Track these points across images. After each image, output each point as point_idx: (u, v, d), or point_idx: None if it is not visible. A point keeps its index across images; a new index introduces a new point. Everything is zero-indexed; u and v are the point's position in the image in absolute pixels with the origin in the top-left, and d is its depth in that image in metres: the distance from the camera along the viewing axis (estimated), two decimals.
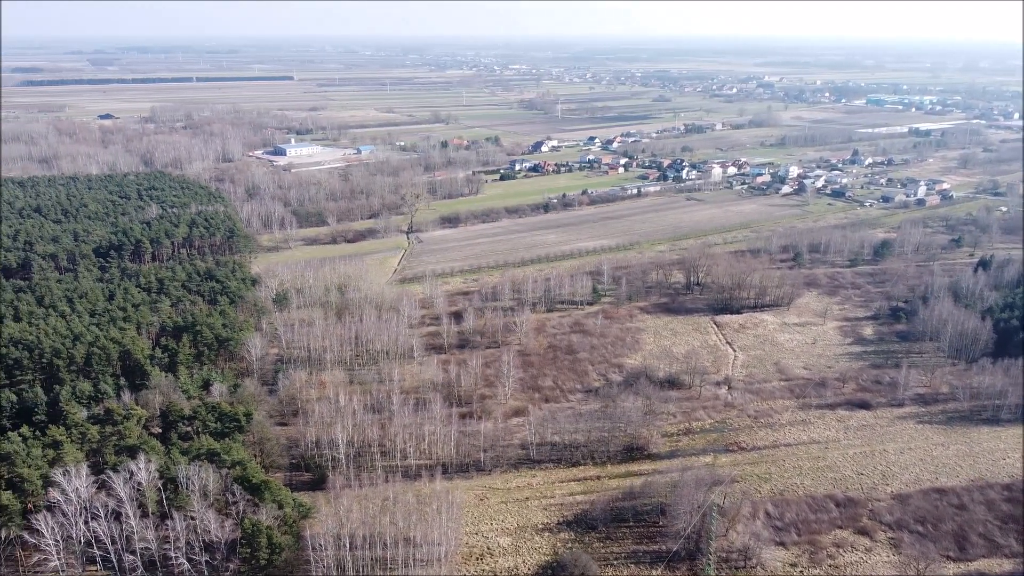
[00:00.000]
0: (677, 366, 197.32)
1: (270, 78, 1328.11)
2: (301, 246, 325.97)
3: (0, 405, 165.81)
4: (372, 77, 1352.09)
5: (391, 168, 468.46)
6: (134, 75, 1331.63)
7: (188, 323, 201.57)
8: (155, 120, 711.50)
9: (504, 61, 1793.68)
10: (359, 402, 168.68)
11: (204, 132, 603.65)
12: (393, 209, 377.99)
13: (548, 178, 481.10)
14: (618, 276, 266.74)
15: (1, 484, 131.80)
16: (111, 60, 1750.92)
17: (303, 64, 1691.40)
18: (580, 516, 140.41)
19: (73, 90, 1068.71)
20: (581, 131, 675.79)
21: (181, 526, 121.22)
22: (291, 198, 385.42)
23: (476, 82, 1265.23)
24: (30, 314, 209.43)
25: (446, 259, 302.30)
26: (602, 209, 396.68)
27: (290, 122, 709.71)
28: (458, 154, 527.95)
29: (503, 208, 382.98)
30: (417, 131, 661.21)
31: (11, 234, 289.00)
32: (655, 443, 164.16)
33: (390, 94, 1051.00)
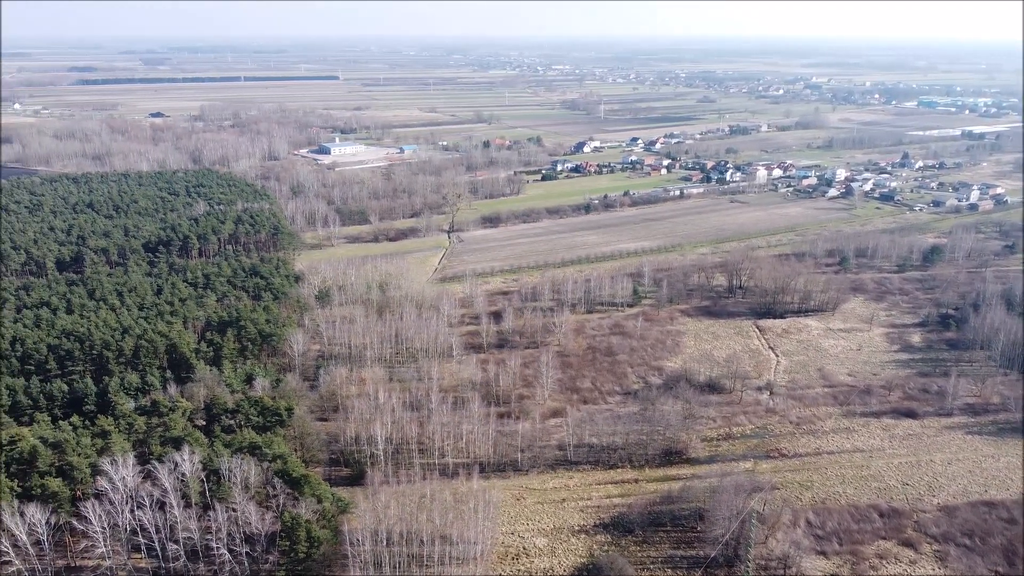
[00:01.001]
0: (718, 370, 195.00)
1: (316, 78, 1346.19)
2: (343, 244, 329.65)
3: (52, 395, 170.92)
4: (416, 77, 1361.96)
5: (433, 167, 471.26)
6: (184, 75, 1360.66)
7: (233, 318, 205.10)
8: (204, 119, 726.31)
9: (547, 61, 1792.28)
10: (398, 399, 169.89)
11: (251, 131, 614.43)
12: (434, 208, 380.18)
13: (590, 179, 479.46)
14: (659, 278, 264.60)
15: (52, 471, 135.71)
16: (163, 60, 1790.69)
17: (348, 64, 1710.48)
18: (617, 519, 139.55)
19: (126, 89, 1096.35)
20: (624, 132, 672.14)
21: (223, 517, 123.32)
22: (335, 196, 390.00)
23: (519, 82, 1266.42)
24: (82, 307, 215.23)
25: (486, 259, 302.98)
26: (644, 210, 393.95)
27: (335, 121, 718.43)
28: (500, 154, 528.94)
29: (544, 208, 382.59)
30: (459, 131, 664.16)
31: (65, 229, 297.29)
32: (694, 447, 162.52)
33: (433, 94, 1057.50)
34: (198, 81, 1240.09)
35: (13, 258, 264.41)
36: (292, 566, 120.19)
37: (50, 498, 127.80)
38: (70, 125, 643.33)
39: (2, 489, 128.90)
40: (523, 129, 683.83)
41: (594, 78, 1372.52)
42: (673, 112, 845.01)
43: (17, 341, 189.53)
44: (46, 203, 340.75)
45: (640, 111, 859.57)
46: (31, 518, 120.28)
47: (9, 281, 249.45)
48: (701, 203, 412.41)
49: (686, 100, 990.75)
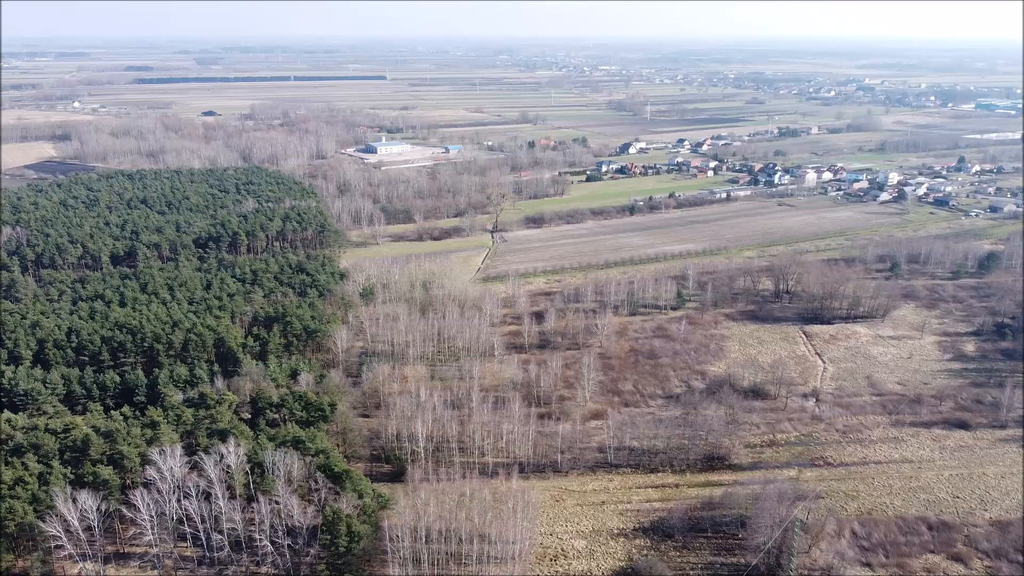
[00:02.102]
0: (762, 376, 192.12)
1: (364, 77, 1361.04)
2: (388, 242, 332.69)
3: (105, 385, 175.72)
4: (462, 77, 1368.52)
5: (478, 167, 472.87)
6: (236, 74, 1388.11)
7: (279, 314, 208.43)
8: (254, 117, 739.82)
9: (594, 62, 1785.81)
10: (439, 398, 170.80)
11: (300, 129, 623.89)
12: (479, 208, 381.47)
13: (635, 180, 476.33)
14: (704, 281, 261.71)
15: (103, 460, 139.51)
16: (216, 59, 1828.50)
17: (396, 64, 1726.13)
18: (657, 523, 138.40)
19: (180, 88, 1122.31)
20: (670, 133, 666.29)
21: (266, 509, 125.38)
22: (380, 195, 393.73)
23: (565, 83, 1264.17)
24: (134, 300, 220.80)
25: (529, 259, 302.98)
26: (689, 213, 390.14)
27: (381, 121, 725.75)
28: (545, 155, 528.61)
29: (588, 209, 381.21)
30: (505, 131, 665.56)
31: (119, 224, 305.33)
32: (737, 453, 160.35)
33: (479, 94, 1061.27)
34: (249, 80, 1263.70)
35: (70, 251, 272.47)
36: (332, 560, 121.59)
37: (101, 485, 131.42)
38: (126, 123, 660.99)
39: (56, 475, 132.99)
40: (568, 130, 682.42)
41: (641, 79, 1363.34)
42: (721, 114, 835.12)
43: (73, 332, 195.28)
44: (102, 199, 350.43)
45: (687, 112, 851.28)
46: (83, 504, 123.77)
47: (66, 274, 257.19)
48: (748, 206, 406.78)
49: (734, 101, 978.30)
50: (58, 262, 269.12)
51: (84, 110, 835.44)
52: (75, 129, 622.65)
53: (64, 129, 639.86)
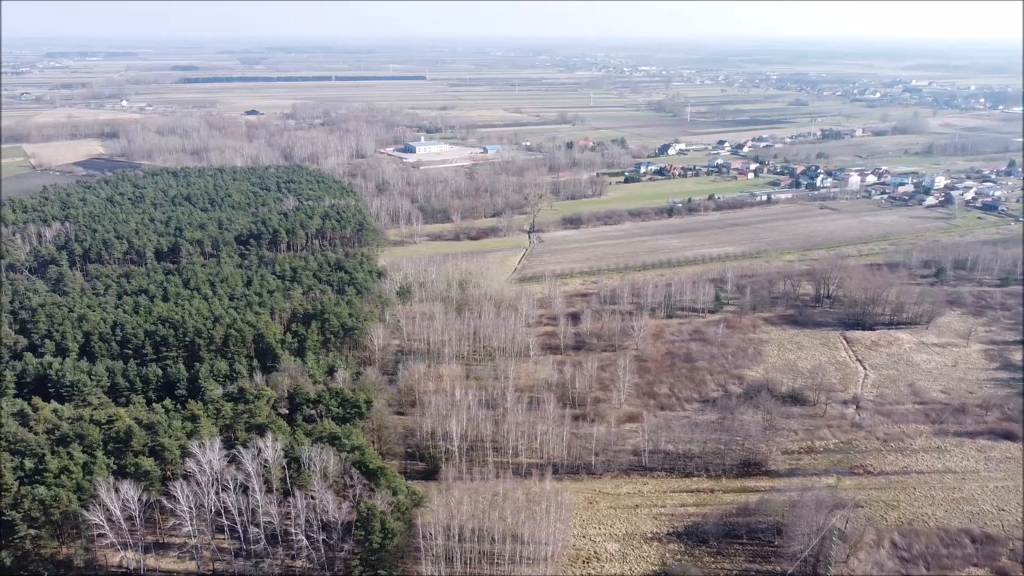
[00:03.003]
0: (801, 381, 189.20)
1: (404, 77, 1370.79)
2: (426, 241, 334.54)
3: (148, 378, 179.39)
4: (501, 77, 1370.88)
5: (516, 168, 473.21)
6: (279, 74, 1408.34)
7: (317, 311, 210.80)
8: (296, 117, 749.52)
9: (634, 62, 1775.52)
10: (474, 397, 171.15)
11: (340, 129, 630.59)
12: (516, 208, 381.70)
13: (674, 182, 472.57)
14: (742, 285, 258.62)
15: (145, 451, 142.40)
16: (258, 59, 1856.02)
17: (435, 64, 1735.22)
18: (691, 528, 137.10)
19: (224, 87, 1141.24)
20: (710, 135, 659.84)
21: (302, 504, 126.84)
22: (418, 194, 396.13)
23: (604, 83, 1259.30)
24: (177, 295, 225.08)
25: (566, 260, 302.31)
26: (729, 215, 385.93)
27: (421, 120, 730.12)
28: (583, 155, 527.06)
29: (626, 211, 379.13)
30: (543, 131, 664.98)
31: (164, 220, 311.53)
32: (774, 459, 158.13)
33: (518, 94, 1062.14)
34: (291, 80, 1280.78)
35: (116, 247, 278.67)
36: (366, 556, 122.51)
37: (142, 476, 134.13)
38: (171, 121, 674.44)
39: (100, 465, 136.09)
40: (607, 131, 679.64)
41: (681, 80, 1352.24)
42: (762, 115, 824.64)
43: (118, 326, 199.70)
44: (148, 195, 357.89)
45: (728, 114, 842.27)
46: (125, 494, 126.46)
47: (112, 268, 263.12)
48: (789, 209, 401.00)
49: (776, 103, 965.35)
50: (104, 257, 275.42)
51: (131, 109, 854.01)
52: (123, 127, 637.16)
53: (112, 127, 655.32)
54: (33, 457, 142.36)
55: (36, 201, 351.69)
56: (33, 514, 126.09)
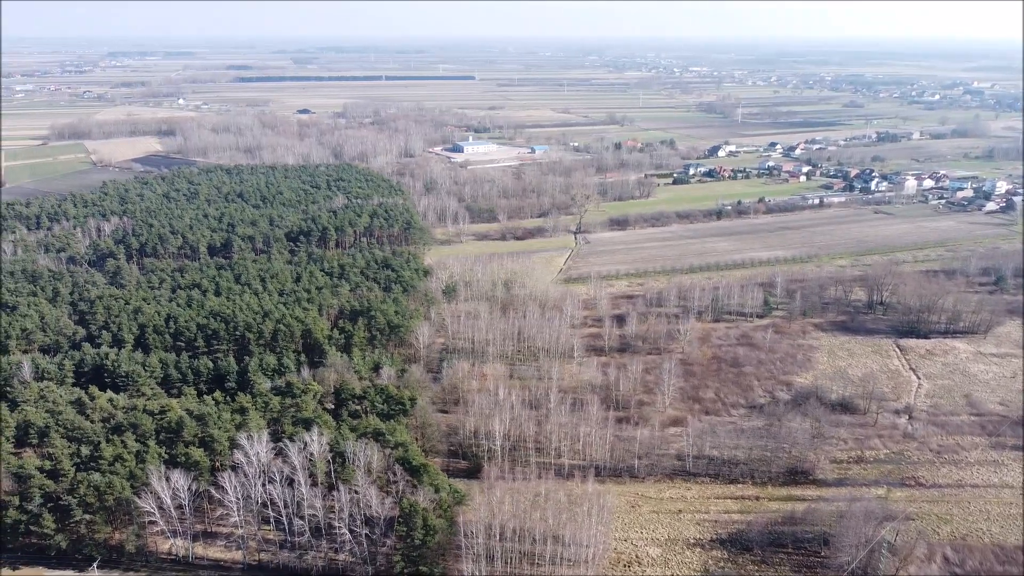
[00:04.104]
0: (852, 389, 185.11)
1: (453, 77, 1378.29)
2: (472, 241, 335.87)
3: (199, 370, 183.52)
4: (550, 77, 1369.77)
5: (563, 168, 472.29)
6: (330, 73, 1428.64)
7: (364, 308, 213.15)
8: (346, 116, 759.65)
9: (684, 63, 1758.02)
10: (518, 397, 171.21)
11: (389, 128, 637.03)
12: (562, 209, 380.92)
13: (723, 184, 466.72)
14: (792, 289, 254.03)
15: (195, 441, 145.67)
16: (311, 59, 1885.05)
17: (485, 64, 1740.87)
18: (735, 535, 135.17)
19: (277, 86, 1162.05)
20: (761, 136, 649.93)
21: (345, 498, 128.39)
22: (465, 194, 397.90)
23: (654, 84, 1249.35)
24: (228, 290, 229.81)
25: (612, 261, 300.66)
26: (779, 218, 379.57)
27: (469, 120, 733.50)
28: (631, 156, 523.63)
29: (674, 213, 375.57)
30: (591, 132, 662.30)
31: (217, 216, 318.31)
32: (822, 468, 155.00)
33: (567, 94, 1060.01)
34: (343, 80, 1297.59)
35: (171, 242, 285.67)
36: (408, 551, 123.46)
37: (192, 466, 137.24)
38: (226, 120, 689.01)
39: (152, 454, 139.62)
40: (656, 132, 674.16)
41: (733, 80, 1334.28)
42: (816, 117, 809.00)
43: (171, 319, 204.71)
44: (202, 192, 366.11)
45: (780, 115, 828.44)
46: (175, 483, 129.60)
47: (167, 263, 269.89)
48: (842, 213, 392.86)
49: (831, 105, 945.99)
50: (160, 251, 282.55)
51: (188, 107, 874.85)
52: (179, 125, 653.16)
53: (169, 125, 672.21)
54: (89, 444, 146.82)
55: (96, 196, 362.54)
56: (88, 499, 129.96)
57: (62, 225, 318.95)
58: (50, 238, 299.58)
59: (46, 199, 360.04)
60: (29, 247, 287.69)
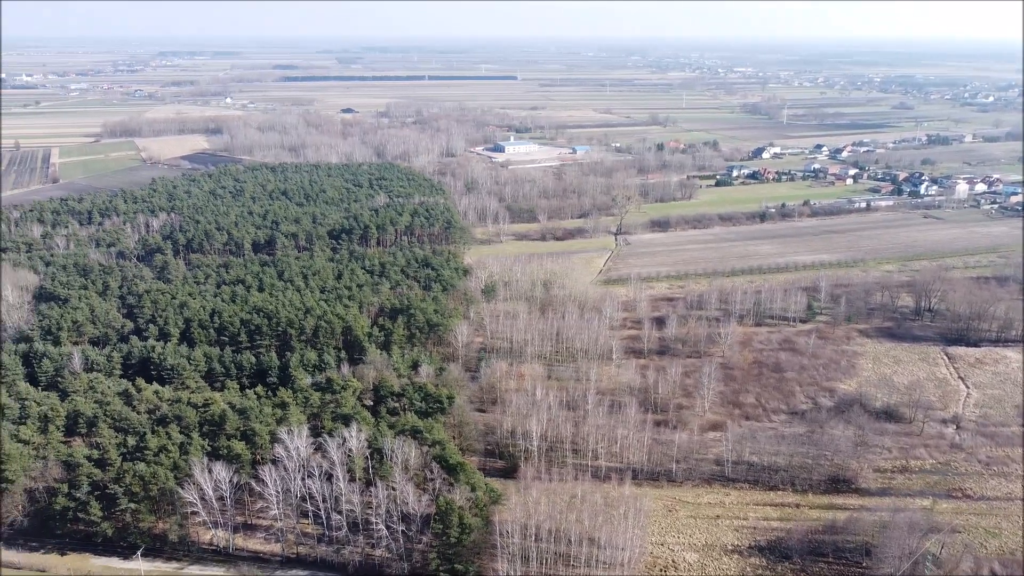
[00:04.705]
0: (897, 397, 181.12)
1: (495, 77, 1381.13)
2: (511, 240, 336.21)
3: (242, 365, 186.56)
4: (592, 78, 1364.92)
5: (604, 169, 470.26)
6: (374, 73, 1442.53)
7: (404, 306, 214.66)
8: (389, 115, 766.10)
9: (729, 63, 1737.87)
10: (555, 397, 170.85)
11: (431, 128, 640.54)
12: (603, 210, 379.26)
13: (767, 186, 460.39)
14: (837, 294, 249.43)
15: (237, 435, 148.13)
16: (355, 59, 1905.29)
17: (527, 64, 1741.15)
18: (774, 543, 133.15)
19: (321, 86, 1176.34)
20: (807, 138, 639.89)
21: (383, 495, 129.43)
22: (506, 194, 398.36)
23: (698, 84, 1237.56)
24: (271, 286, 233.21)
25: (652, 263, 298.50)
26: (824, 222, 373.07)
27: (511, 120, 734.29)
28: (673, 157, 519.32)
29: (716, 215, 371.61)
30: (633, 133, 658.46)
31: (261, 213, 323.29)
32: (864, 477, 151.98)
33: (609, 95, 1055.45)
34: (386, 79, 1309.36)
35: (216, 238, 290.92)
36: (443, 549, 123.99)
37: (234, 459, 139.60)
38: (271, 118, 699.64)
39: (196, 446, 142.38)
40: (699, 132, 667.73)
41: (778, 81, 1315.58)
42: (863, 119, 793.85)
43: (216, 314, 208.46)
44: (247, 189, 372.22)
45: (826, 117, 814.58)
46: (217, 475, 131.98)
47: (212, 259, 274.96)
48: (889, 217, 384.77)
49: (879, 106, 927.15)
50: (205, 247, 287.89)
51: (234, 106, 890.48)
52: (226, 123, 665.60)
53: (216, 123, 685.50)
54: (135, 435, 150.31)
55: (145, 193, 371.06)
56: (133, 488, 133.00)
57: (112, 220, 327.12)
58: (101, 233, 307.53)
59: (98, 195, 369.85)
60: (81, 242, 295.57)
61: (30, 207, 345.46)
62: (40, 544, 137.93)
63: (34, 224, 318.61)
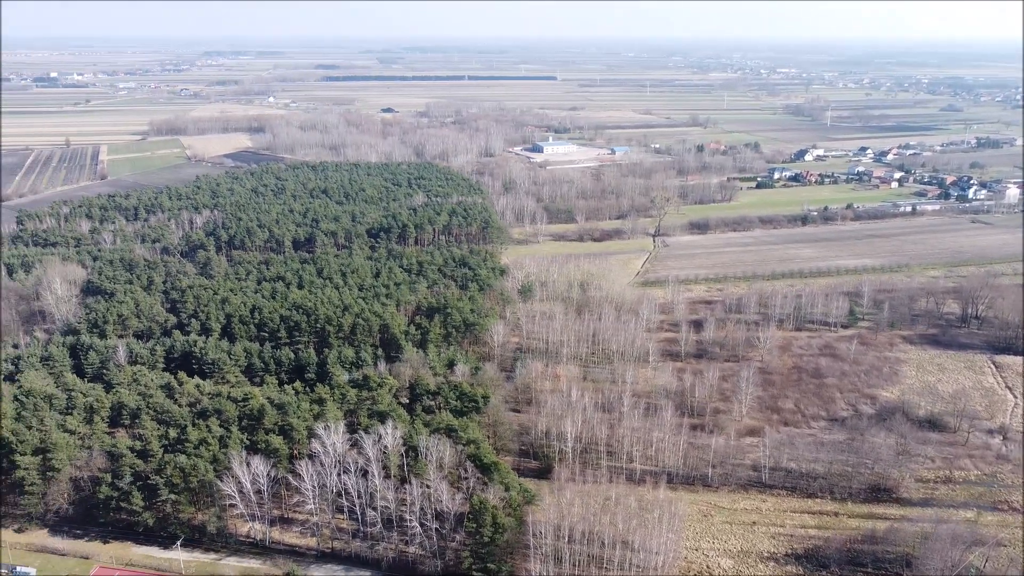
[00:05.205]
0: (941, 406, 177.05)
1: (534, 78, 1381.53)
2: (549, 241, 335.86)
3: (280, 360, 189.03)
4: (632, 78, 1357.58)
5: (643, 170, 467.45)
6: (414, 73, 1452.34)
7: (440, 305, 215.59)
8: (429, 115, 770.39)
9: (772, 64, 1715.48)
10: (590, 399, 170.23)
11: (470, 128, 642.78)
12: (641, 211, 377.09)
13: (809, 189, 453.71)
14: (880, 300, 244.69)
15: (275, 429, 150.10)
16: (396, 59, 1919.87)
17: (566, 64, 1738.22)
18: (811, 552, 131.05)
19: (362, 85, 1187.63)
20: (851, 140, 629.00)
21: (417, 492, 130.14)
22: (544, 194, 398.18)
23: (739, 85, 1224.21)
24: (310, 283, 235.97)
25: (691, 265, 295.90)
26: (868, 226, 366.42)
27: (550, 120, 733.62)
28: (713, 159, 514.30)
29: (756, 217, 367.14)
30: (673, 134, 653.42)
31: (302, 211, 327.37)
32: (906, 487, 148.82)
33: (649, 96, 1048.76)
34: (426, 79, 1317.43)
35: (258, 235, 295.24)
36: (476, 548, 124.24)
37: (272, 453, 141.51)
38: (313, 117, 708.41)
39: (235, 440, 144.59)
40: (740, 134, 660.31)
41: (822, 82, 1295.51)
42: (910, 121, 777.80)
43: (256, 310, 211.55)
44: (288, 187, 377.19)
45: (872, 119, 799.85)
46: (255, 469, 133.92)
47: (253, 255, 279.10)
48: (936, 221, 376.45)
49: (927, 108, 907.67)
50: (247, 244, 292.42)
51: (277, 105, 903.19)
52: (268, 122, 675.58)
53: (259, 122, 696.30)
54: (176, 427, 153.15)
55: (189, 190, 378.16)
56: (174, 480, 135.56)
57: (157, 217, 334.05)
58: (146, 229, 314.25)
59: (144, 192, 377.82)
60: (127, 237, 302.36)
61: (79, 203, 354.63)
62: (84, 532, 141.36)
63: (82, 220, 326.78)
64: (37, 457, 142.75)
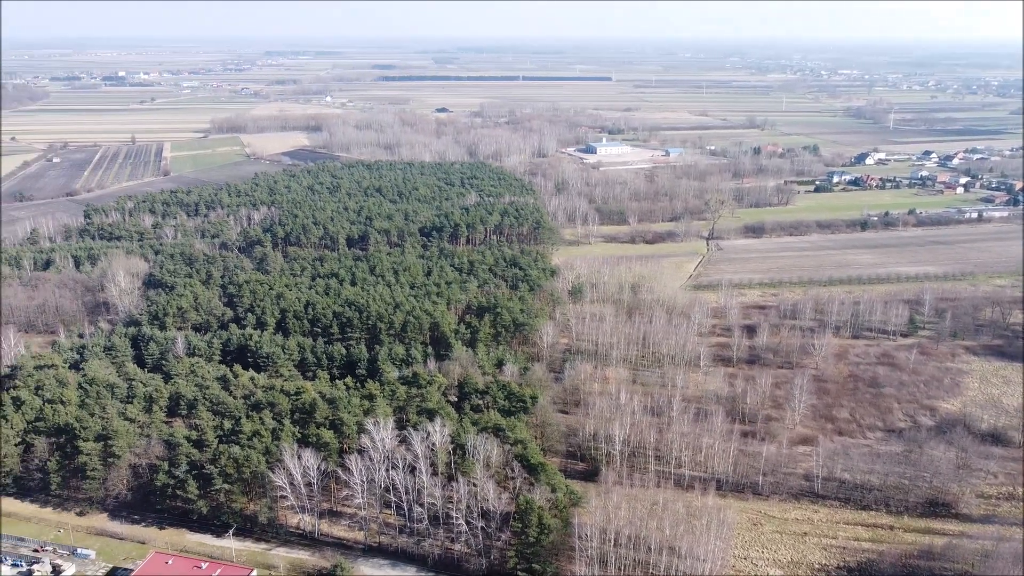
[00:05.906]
0: (1005, 420, 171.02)
1: (589, 78, 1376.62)
2: (600, 242, 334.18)
3: (332, 356, 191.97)
4: (688, 79, 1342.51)
5: (697, 172, 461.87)
6: (469, 73, 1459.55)
7: (490, 304, 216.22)
8: (482, 115, 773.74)
9: (833, 65, 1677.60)
10: (639, 402, 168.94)
11: (523, 128, 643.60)
12: (695, 214, 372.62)
13: (870, 193, 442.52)
14: (942, 308, 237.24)
15: (326, 423, 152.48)
16: (451, 59, 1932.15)
17: (622, 65, 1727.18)
18: (864, 565, 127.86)
19: (417, 85, 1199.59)
20: (915, 144, 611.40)
21: (464, 490, 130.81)
22: (596, 195, 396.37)
23: (799, 87, 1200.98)
24: (363, 280, 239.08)
25: (745, 269, 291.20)
26: (931, 232, 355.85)
27: (603, 121, 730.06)
28: (770, 162, 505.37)
29: (814, 222, 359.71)
30: (729, 136, 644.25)
31: (356, 209, 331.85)
32: (966, 502, 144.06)
33: (705, 97, 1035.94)
34: (480, 79, 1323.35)
35: (313, 232, 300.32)
36: (522, 548, 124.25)
37: (322, 447, 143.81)
38: (368, 117, 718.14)
39: (287, 433, 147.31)
40: (798, 136, 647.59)
41: (885, 84, 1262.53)
42: (978, 124, 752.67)
43: (310, 305, 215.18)
44: (343, 185, 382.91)
45: (936, 122, 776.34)
46: (306, 462, 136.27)
47: (308, 252, 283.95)
48: (1003, 228, 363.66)
49: (996, 111, 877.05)
50: (302, 240, 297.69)
51: (334, 104, 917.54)
52: (325, 121, 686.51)
53: (316, 121, 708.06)
54: (231, 419, 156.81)
55: (248, 187, 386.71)
56: (228, 470, 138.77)
57: (217, 213, 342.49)
58: (206, 224, 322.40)
59: (204, 188, 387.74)
60: (188, 232, 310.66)
61: (143, 198, 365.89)
62: (141, 517, 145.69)
63: (146, 214, 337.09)
64: (99, 443, 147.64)
